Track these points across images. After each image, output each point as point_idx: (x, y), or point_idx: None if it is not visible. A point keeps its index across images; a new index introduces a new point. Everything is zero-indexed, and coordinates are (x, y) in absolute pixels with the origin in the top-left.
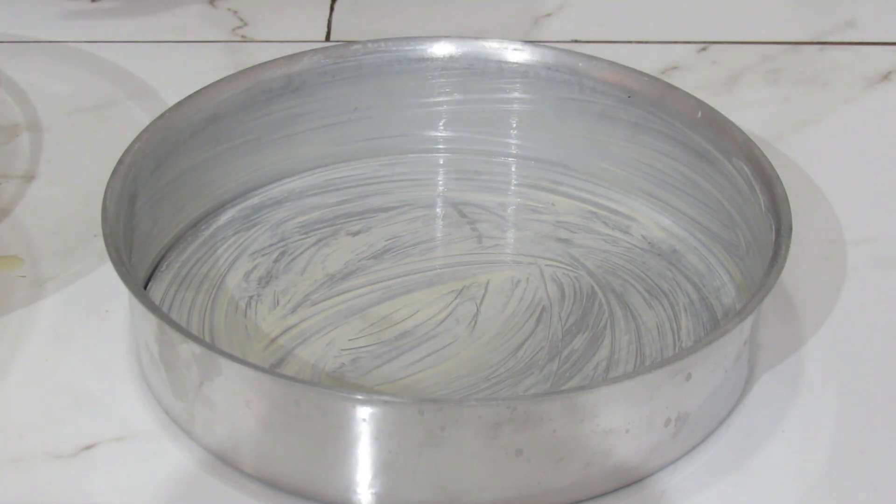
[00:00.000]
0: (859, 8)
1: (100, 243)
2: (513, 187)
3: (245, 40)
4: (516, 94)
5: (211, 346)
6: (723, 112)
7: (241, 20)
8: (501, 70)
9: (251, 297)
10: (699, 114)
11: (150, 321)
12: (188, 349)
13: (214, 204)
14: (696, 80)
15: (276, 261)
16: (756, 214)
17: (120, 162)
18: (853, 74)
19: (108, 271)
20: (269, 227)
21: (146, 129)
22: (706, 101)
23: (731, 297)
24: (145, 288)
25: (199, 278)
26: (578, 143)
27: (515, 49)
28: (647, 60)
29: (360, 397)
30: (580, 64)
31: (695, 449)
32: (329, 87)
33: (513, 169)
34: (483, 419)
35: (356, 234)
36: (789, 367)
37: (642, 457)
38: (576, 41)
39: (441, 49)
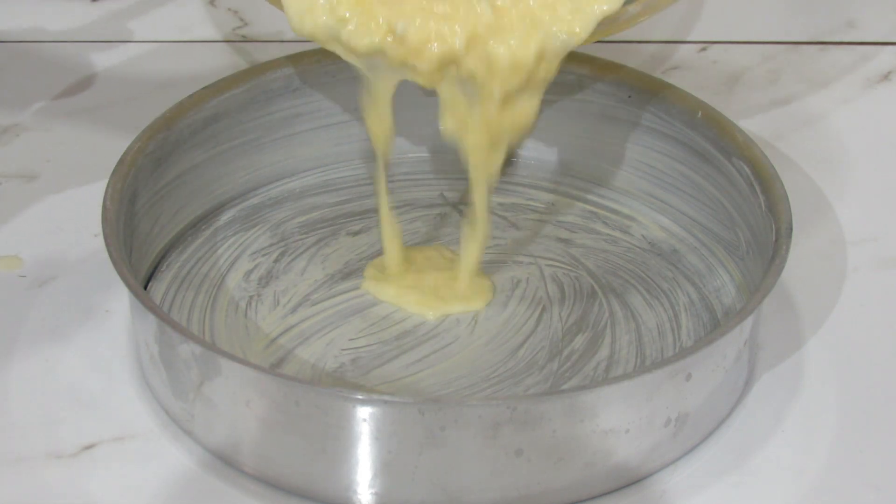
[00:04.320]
0: (859, 8)
1: (100, 243)
2: (513, 187)
3: (245, 40)
4: None
5: (211, 346)
6: (723, 112)
7: (241, 20)
8: None
9: (251, 297)
10: (699, 114)
11: (150, 321)
12: (188, 349)
13: (214, 204)
14: (696, 80)
15: (276, 261)
16: (756, 214)
17: (120, 162)
18: (853, 74)
19: (108, 271)
20: (269, 227)
21: (146, 129)
22: (706, 101)
23: (731, 297)
24: (145, 288)
25: (199, 278)
26: (578, 143)
27: None
28: (648, 60)
29: (360, 397)
30: (580, 64)
31: (695, 449)
32: (329, 87)
33: (513, 169)
34: (483, 419)
35: (356, 234)
36: (789, 367)
37: (642, 457)
38: None
39: None
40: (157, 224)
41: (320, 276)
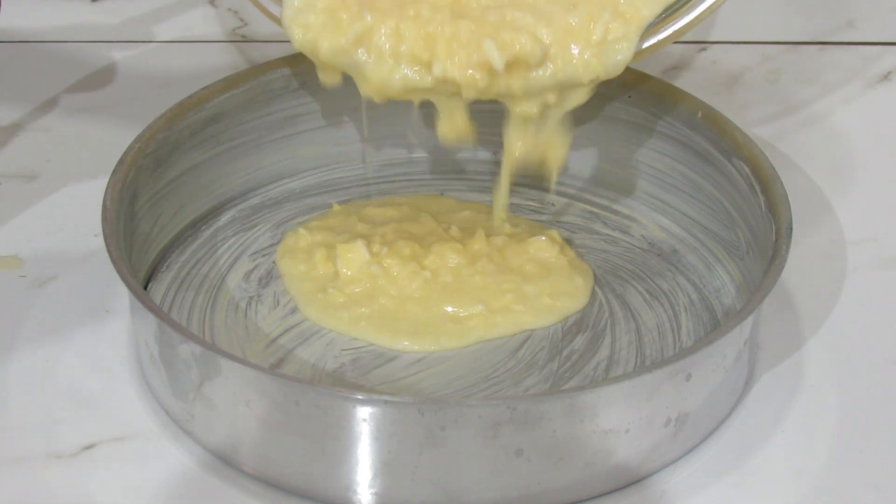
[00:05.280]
0: (859, 8)
1: (100, 243)
2: (513, 187)
3: (245, 40)
4: None
5: (211, 346)
6: (723, 112)
7: (242, 20)
8: None
9: (251, 297)
10: (699, 114)
11: (150, 321)
12: (188, 349)
13: (214, 204)
14: (696, 80)
15: (276, 261)
16: (756, 214)
17: (120, 162)
18: (853, 74)
19: (108, 271)
20: (269, 227)
21: (146, 129)
22: (706, 101)
23: (731, 297)
24: (145, 288)
25: (199, 278)
26: (578, 143)
27: None
28: (648, 60)
29: (360, 397)
30: None
31: (695, 449)
32: None
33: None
34: (483, 419)
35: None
36: (789, 367)
37: (642, 457)
38: None
39: None
40: (157, 224)
41: None
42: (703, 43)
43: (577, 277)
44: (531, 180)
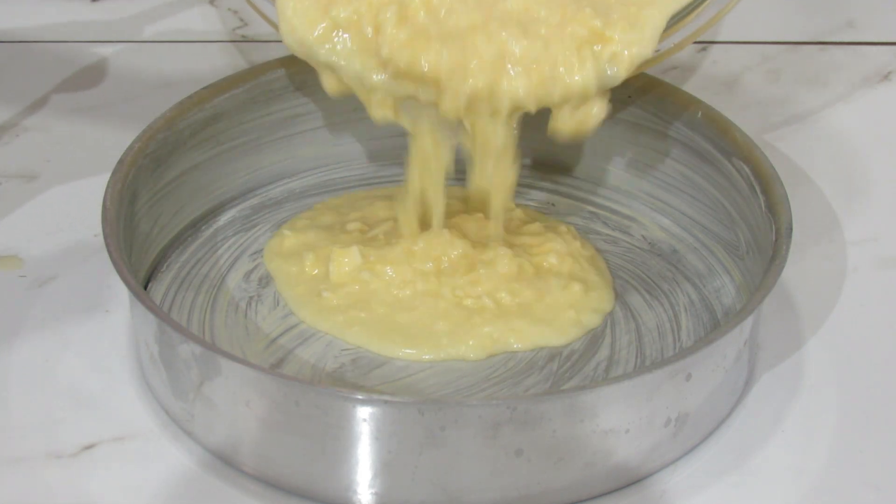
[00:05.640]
0: (859, 8)
1: (100, 243)
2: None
3: (245, 40)
4: None
5: (211, 346)
6: (723, 112)
7: (241, 20)
8: None
9: (251, 297)
10: (699, 114)
11: (150, 321)
12: (188, 349)
13: (214, 204)
14: (696, 80)
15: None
16: (756, 214)
17: (120, 162)
18: (853, 74)
19: (108, 271)
20: (269, 227)
21: (146, 129)
22: (706, 101)
23: (731, 297)
24: (145, 288)
25: (199, 278)
26: (579, 143)
27: None
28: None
29: (360, 397)
30: None
31: (695, 449)
32: None
33: None
34: (483, 419)
35: None
36: (789, 367)
37: (642, 457)
38: None
39: None
40: (157, 224)
41: None
42: (703, 43)
43: (604, 289)
44: (532, 180)
